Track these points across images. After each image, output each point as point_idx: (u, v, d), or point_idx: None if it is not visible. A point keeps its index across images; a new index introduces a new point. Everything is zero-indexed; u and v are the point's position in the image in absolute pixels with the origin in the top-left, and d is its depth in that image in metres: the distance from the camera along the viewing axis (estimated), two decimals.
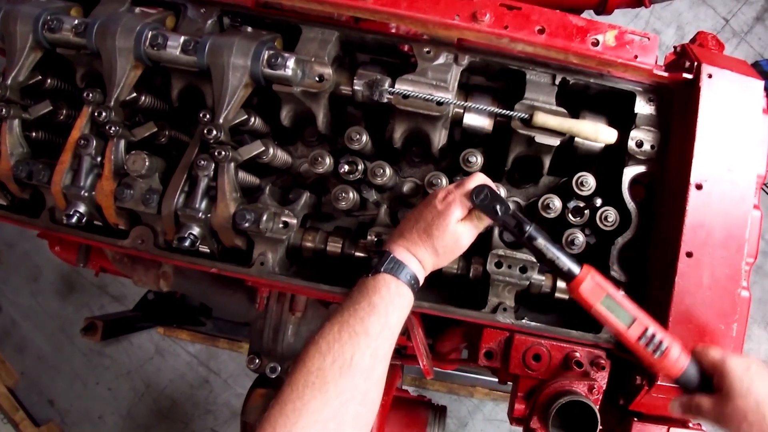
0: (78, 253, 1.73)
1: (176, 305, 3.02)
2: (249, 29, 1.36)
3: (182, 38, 1.31)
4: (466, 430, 3.29)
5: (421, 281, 1.18)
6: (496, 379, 1.48)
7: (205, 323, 3.16)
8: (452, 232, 1.15)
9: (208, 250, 1.39)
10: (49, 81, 1.51)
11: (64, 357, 3.44)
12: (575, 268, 1.13)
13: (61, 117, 1.52)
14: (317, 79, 1.32)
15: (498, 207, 1.13)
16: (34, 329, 3.47)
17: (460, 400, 3.29)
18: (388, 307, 1.06)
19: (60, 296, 3.47)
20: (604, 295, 1.11)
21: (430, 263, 1.18)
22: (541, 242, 1.14)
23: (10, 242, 3.49)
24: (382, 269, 1.11)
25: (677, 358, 1.09)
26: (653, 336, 1.09)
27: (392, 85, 1.33)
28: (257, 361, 1.60)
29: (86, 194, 1.37)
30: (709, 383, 1.09)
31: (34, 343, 3.47)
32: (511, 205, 1.15)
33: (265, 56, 1.28)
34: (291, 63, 1.28)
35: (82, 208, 1.38)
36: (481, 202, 1.13)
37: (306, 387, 0.95)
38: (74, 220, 1.37)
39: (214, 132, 1.28)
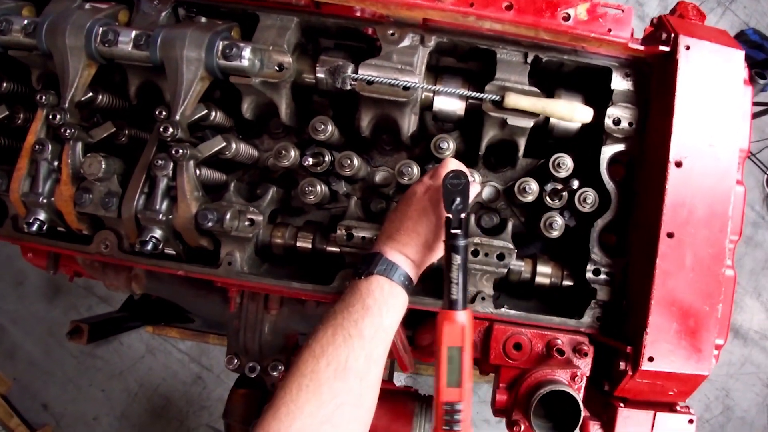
0: (48, 260, 1.68)
1: (163, 303, 2.98)
2: (203, 20, 1.30)
3: (134, 33, 1.25)
4: None
5: (415, 280, 1.16)
6: None
7: (194, 320, 3.12)
8: (443, 224, 1.12)
9: (174, 252, 1.34)
10: (4, 85, 1.45)
11: (55, 360, 3.41)
12: (460, 305, 1.06)
13: (19, 121, 1.46)
14: (277, 68, 1.26)
15: (457, 200, 1.07)
16: (23, 334, 3.44)
17: None
18: (381, 309, 1.05)
19: (46, 299, 3.43)
20: (456, 346, 1.04)
21: (425, 259, 1.16)
22: (457, 261, 1.06)
23: None
24: (374, 271, 1.08)
25: None
26: (457, 413, 1.03)
27: (355, 71, 1.27)
28: (236, 361, 1.57)
29: (45, 201, 1.32)
30: None
31: (24, 348, 3.44)
32: (465, 213, 1.08)
33: (220, 47, 1.22)
34: (247, 53, 1.22)
35: (42, 215, 1.33)
36: (450, 185, 1.08)
37: (300, 390, 0.93)
38: (35, 228, 1.32)
39: (171, 129, 1.22)
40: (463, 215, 1.07)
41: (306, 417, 0.91)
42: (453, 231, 1.07)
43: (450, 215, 1.08)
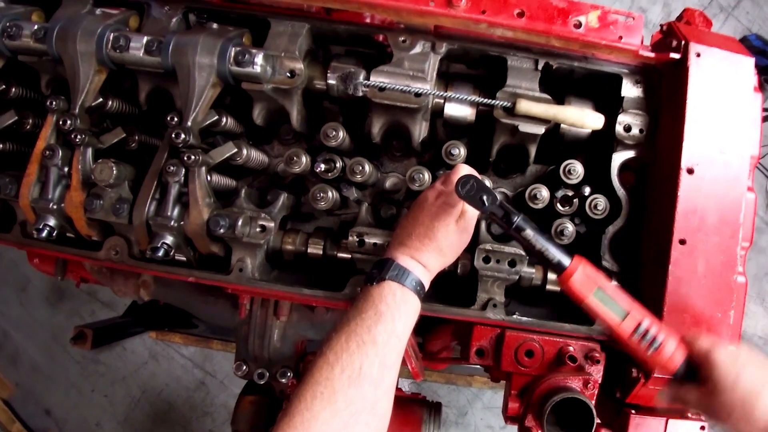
0: (55, 266, 1.68)
1: (166, 309, 2.98)
2: (215, 26, 1.30)
3: (145, 39, 1.26)
4: (465, 419, 3.27)
5: (427, 286, 1.15)
6: None
7: (198, 325, 3.11)
8: (456, 230, 1.14)
9: (185, 259, 1.34)
10: (13, 90, 1.45)
11: (58, 366, 3.40)
12: (565, 260, 1.08)
13: (28, 126, 1.46)
14: (288, 74, 1.27)
15: (484, 198, 1.07)
16: (26, 339, 3.43)
17: (459, 390, 3.26)
18: (394, 315, 1.04)
19: (50, 305, 3.42)
20: (596, 288, 1.06)
21: (437, 265, 1.16)
22: (530, 233, 1.09)
23: None
24: (386, 277, 1.08)
25: (672, 354, 1.04)
26: (647, 330, 1.04)
27: (367, 78, 1.27)
28: (244, 367, 1.56)
29: (55, 207, 1.32)
30: (697, 373, 1.04)
31: (27, 354, 3.42)
32: (499, 196, 1.10)
33: (232, 53, 1.22)
34: (259, 59, 1.22)
35: (52, 221, 1.33)
36: (467, 193, 1.08)
37: (315, 398, 0.92)
38: (44, 234, 1.32)
39: (183, 135, 1.22)
40: (498, 203, 1.08)
41: (321, 425, 0.90)
42: (505, 217, 1.09)
43: (491, 212, 1.09)
